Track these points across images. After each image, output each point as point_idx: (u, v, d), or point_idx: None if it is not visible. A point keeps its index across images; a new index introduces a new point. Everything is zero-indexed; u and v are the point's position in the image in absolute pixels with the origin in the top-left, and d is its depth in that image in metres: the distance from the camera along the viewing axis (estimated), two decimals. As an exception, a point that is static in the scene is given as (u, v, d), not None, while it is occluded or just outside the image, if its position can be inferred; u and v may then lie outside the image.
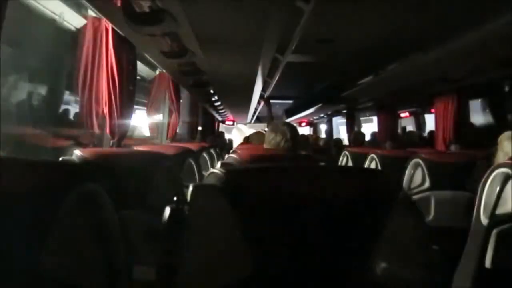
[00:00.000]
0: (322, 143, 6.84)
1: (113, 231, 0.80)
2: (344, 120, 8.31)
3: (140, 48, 2.71)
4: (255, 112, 9.31)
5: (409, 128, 7.16)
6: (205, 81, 4.27)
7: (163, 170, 1.79)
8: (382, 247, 0.77)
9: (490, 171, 1.37)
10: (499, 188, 1.30)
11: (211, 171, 0.84)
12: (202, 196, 0.79)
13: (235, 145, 7.80)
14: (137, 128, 5.18)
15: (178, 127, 4.96)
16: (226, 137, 9.02)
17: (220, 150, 5.22)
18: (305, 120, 10.28)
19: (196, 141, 5.78)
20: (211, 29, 2.41)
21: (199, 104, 6.34)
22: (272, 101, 7.97)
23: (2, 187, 0.68)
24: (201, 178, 2.62)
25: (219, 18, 2.20)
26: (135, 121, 4.37)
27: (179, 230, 0.78)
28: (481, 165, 2.19)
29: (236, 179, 0.78)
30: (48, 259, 0.71)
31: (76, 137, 2.81)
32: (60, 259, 0.73)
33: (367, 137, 5.66)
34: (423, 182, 2.24)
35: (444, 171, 2.27)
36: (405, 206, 0.80)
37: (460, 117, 3.92)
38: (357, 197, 0.77)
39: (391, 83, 3.98)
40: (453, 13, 2.29)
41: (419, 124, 6.91)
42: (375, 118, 6.29)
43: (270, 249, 0.77)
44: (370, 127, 7.83)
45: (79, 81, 2.52)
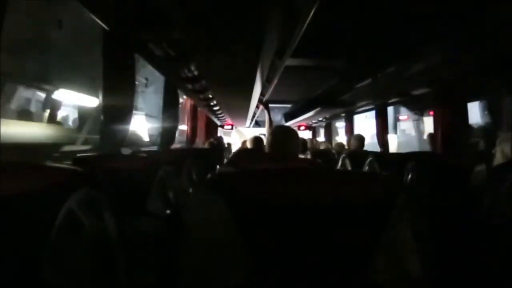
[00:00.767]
0: (322, 146, 6.84)
1: (113, 235, 0.80)
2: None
3: (137, 53, 2.72)
4: (253, 116, 9.31)
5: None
6: (203, 85, 4.27)
7: (163, 174, 1.79)
8: (381, 248, 0.77)
9: (490, 171, 1.38)
10: (499, 188, 1.30)
11: (210, 175, 0.84)
12: (201, 200, 0.79)
13: (234, 148, 7.78)
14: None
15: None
16: (225, 141, 8.78)
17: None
18: (304, 124, 10.29)
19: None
20: (209, 33, 2.41)
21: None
22: (270, 105, 7.97)
23: (3, 190, 0.68)
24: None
25: (217, 21, 2.21)
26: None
27: (178, 233, 0.77)
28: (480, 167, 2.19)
29: (233, 183, 0.78)
30: (48, 262, 0.71)
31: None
32: (60, 263, 0.73)
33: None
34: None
35: None
36: (405, 207, 0.79)
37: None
38: (355, 200, 0.77)
39: (389, 86, 3.99)
40: (452, 15, 2.31)
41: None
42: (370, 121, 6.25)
43: (267, 252, 0.77)
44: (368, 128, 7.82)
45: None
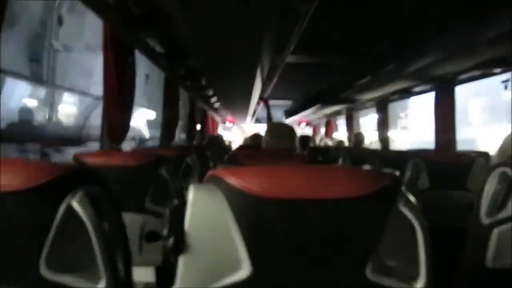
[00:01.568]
0: (322, 143, 6.84)
1: (113, 233, 0.80)
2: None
3: (138, 50, 2.71)
4: (254, 113, 9.31)
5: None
6: (204, 83, 4.27)
7: (162, 171, 1.79)
8: (382, 247, 0.77)
9: (489, 170, 1.37)
10: (499, 187, 1.30)
11: (210, 172, 0.83)
12: (200, 197, 0.79)
13: (234, 145, 7.77)
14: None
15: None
16: (227, 138, 8.61)
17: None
18: (305, 120, 10.29)
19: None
20: (209, 31, 2.41)
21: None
22: (271, 102, 7.96)
23: (1, 189, 0.68)
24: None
25: (218, 20, 2.20)
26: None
27: (178, 231, 0.77)
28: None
29: (233, 180, 0.77)
30: (47, 260, 0.71)
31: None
32: (59, 261, 0.73)
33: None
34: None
35: None
36: (406, 206, 0.79)
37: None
38: (355, 196, 0.77)
39: (389, 82, 3.98)
40: (451, 11, 2.30)
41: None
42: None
43: (269, 249, 0.77)
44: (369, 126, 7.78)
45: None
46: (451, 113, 3.84)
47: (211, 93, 5.12)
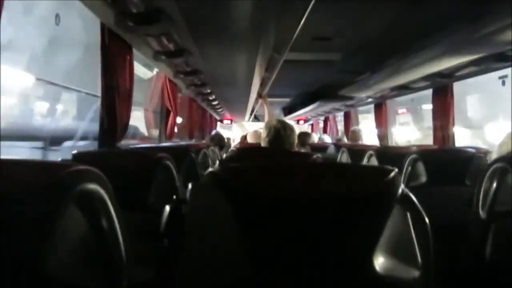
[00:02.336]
0: (321, 140, 6.84)
1: (113, 232, 0.80)
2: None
3: (136, 48, 2.70)
4: (252, 110, 9.30)
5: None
6: (202, 80, 4.26)
7: (162, 170, 1.78)
8: (382, 244, 0.77)
9: (488, 165, 1.38)
10: (497, 182, 1.30)
11: (209, 169, 0.83)
12: (200, 194, 0.79)
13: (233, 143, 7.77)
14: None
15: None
16: (226, 135, 8.49)
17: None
18: (303, 118, 10.28)
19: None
20: (207, 28, 2.40)
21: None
22: (269, 99, 7.95)
23: (1, 187, 0.68)
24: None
25: (215, 16, 2.20)
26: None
27: (179, 229, 0.77)
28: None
29: (234, 177, 0.77)
30: (47, 259, 0.71)
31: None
32: (59, 260, 0.73)
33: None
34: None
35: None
36: (405, 202, 0.80)
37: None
38: (354, 193, 0.77)
39: (388, 80, 3.99)
40: (451, 8, 2.30)
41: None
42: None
43: (269, 247, 0.77)
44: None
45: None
46: (449, 109, 3.85)
47: (209, 90, 5.11)
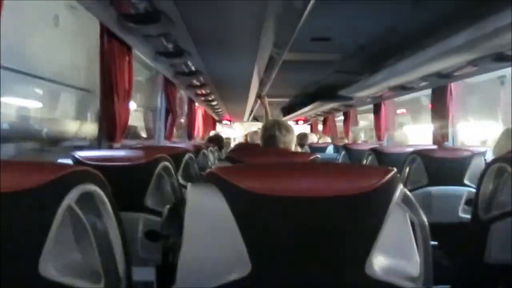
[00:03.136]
0: (320, 140, 6.85)
1: (113, 232, 0.80)
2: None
3: (135, 48, 2.70)
4: (251, 111, 9.30)
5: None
6: (201, 81, 4.26)
7: (162, 170, 1.78)
8: (381, 244, 0.77)
9: (487, 165, 1.38)
10: (496, 182, 1.30)
11: (209, 170, 0.83)
12: (199, 195, 0.79)
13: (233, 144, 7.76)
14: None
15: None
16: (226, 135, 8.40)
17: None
18: (302, 118, 10.28)
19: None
20: (207, 29, 2.41)
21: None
22: (268, 100, 7.94)
23: (1, 189, 0.68)
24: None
25: (215, 17, 2.20)
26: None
27: (178, 230, 0.77)
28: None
29: (233, 178, 0.77)
30: (47, 260, 0.71)
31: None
32: (58, 261, 0.73)
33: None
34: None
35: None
36: (404, 202, 0.80)
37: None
38: (353, 193, 0.77)
39: (387, 80, 3.99)
40: (449, 9, 2.30)
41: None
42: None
43: (268, 247, 0.77)
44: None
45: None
46: (447, 109, 3.85)
47: (208, 90, 5.11)
